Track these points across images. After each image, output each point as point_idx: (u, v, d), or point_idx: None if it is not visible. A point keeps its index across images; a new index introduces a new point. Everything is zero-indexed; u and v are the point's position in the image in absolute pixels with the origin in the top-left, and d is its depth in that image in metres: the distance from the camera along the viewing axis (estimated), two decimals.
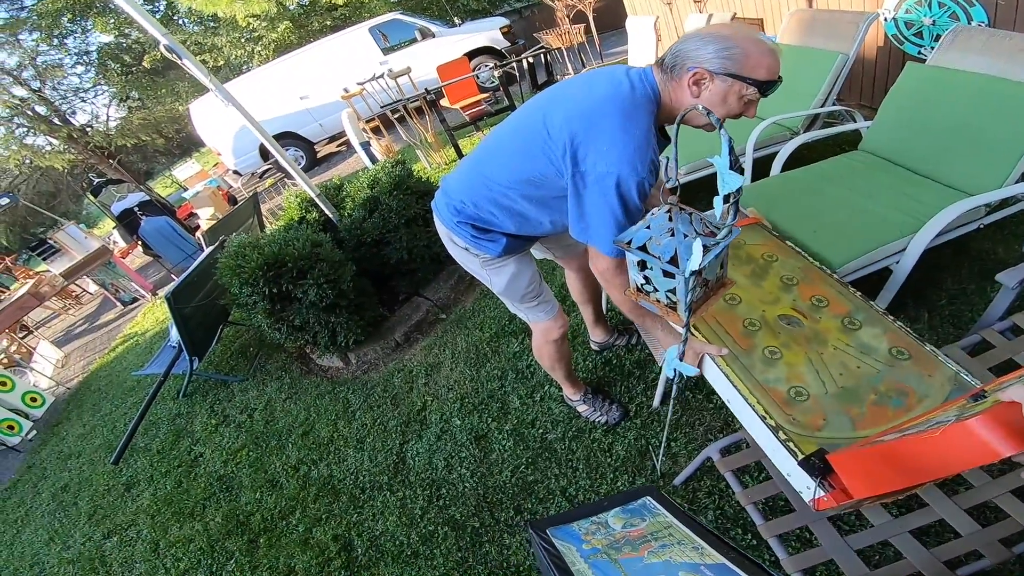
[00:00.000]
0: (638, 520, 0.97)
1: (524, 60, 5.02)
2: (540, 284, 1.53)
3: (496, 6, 13.27)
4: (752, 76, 0.97)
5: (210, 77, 2.28)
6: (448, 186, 1.38)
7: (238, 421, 2.77)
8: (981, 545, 0.96)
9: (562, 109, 1.09)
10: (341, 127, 7.87)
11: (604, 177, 1.01)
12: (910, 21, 2.78)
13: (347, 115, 4.11)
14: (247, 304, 2.53)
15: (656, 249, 0.88)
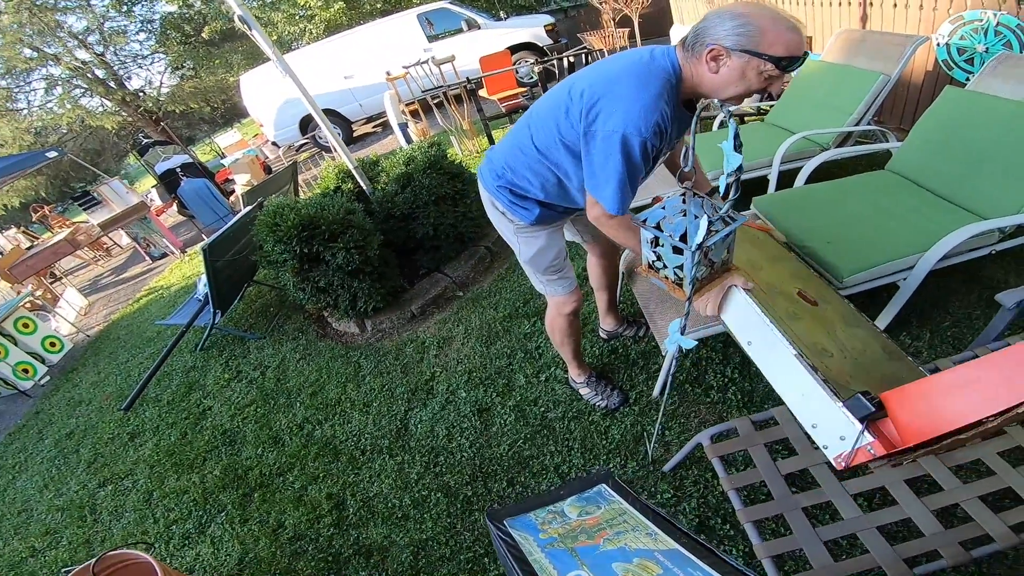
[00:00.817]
0: (593, 508, 1.00)
1: (565, 59, 5.08)
2: (564, 260, 1.62)
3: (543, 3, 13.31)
4: (768, 52, 0.97)
5: (273, 49, 2.41)
6: (493, 154, 1.49)
7: (251, 377, 2.86)
8: (941, 546, 1.00)
9: (587, 77, 1.18)
10: (379, 108, 8.07)
11: (611, 135, 1.08)
12: (963, 47, 2.77)
13: (389, 96, 4.24)
14: (277, 262, 2.65)
15: (668, 227, 0.95)
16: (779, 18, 0.98)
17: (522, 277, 2.81)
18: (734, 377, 1.87)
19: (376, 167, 3.29)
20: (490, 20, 7.84)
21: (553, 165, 1.31)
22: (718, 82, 1.05)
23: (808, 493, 1.18)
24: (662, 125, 1.07)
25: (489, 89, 5.42)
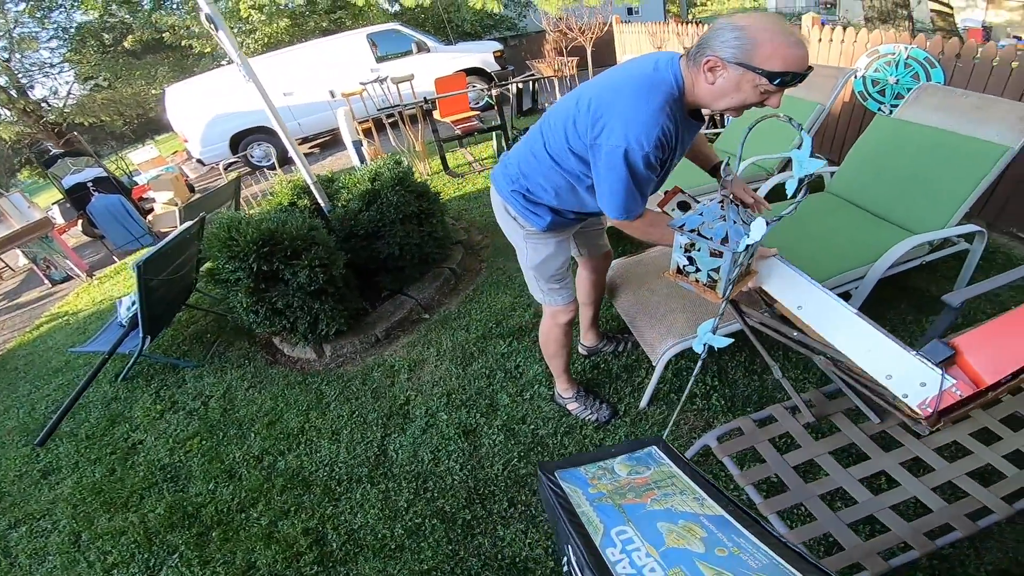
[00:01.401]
0: (643, 468, 1.01)
1: (515, 85, 5.25)
2: (567, 271, 1.65)
3: (487, 31, 13.80)
4: (763, 67, 0.96)
5: (239, 52, 2.28)
6: (508, 159, 1.50)
7: (190, 408, 2.62)
8: (951, 519, 1.10)
9: (593, 88, 1.22)
10: (319, 128, 7.85)
11: (615, 149, 1.12)
12: (877, 79, 3.17)
13: (344, 113, 4.13)
14: (229, 280, 2.45)
15: (708, 232, 1.00)
16: (781, 32, 0.97)
17: (491, 299, 2.81)
18: (715, 384, 1.96)
19: (332, 184, 3.18)
20: (440, 44, 7.93)
21: (566, 172, 1.33)
22: (714, 93, 1.07)
23: (819, 481, 1.26)
24: (665, 138, 1.10)
25: (442, 111, 5.44)
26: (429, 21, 12.64)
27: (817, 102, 2.64)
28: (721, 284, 1.04)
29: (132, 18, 11.90)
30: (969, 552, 1.32)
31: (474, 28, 13.30)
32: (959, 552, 1.32)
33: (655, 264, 2.15)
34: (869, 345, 0.98)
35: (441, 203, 3.25)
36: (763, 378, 1.96)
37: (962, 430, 1.32)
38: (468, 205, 4.24)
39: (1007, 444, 1.27)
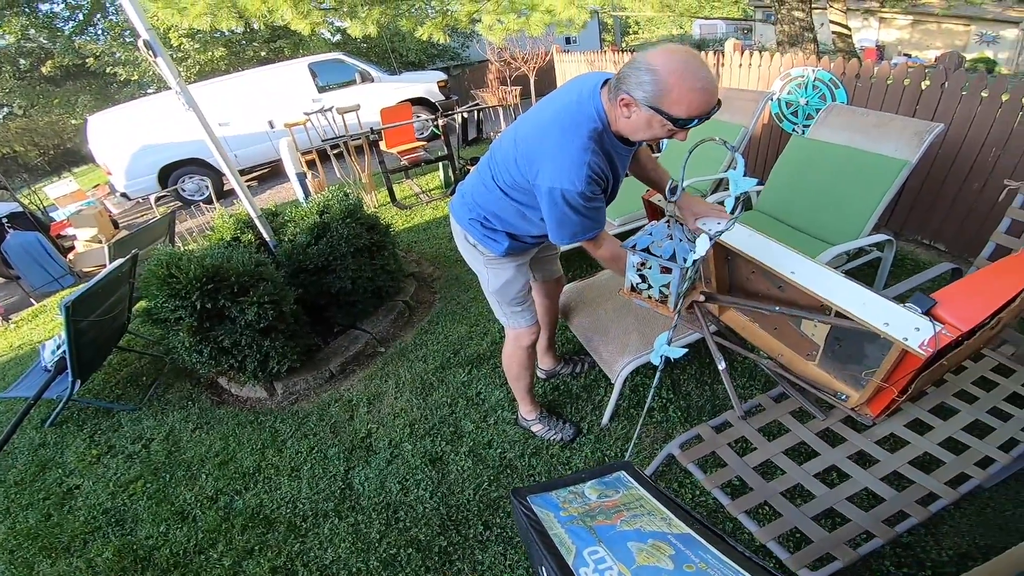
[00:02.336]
0: (612, 492, 1.04)
1: (460, 115, 5.35)
2: (529, 294, 1.70)
3: (431, 61, 14.01)
4: (669, 112, 1.03)
5: (179, 80, 2.21)
6: (464, 188, 1.55)
7: (129, 452, 2.47)
8: (905, 506, 1.20)
9: (524, 127, 1.29)
10: (255, 161, 7.60)
11: (551, 191, 1.19)
12: (790, 101, 3.47)
13: (287, 143, 4.03)
14: (168, 320, 2.33)
15: (657, 250, 1.07)
16: (690, 76, 1.01)
17: (447, 329, 2.82)
18: (670, 397, 2.05)
19: (276, 217, 3.10)
20: (384, 74, 7.95)
21: (516, 202, 1.39)
22: (629, 127, 1.14)
23: (779, 479, 1.33)
24: (595, 173, 1.16)
25: (389, 142, 5.43)
26: (373, 51, 12.73)
27: (741, 124, 2.84)
28: (672, 298, 1.11)
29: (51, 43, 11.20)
30: (928, 540, 1.43)
31: (418, 58, 13.51)
32: (919, 540, 1.43)
33: (606, 286, 2.24)
34: (863, 300, 1.11)
35: (392, 236, 3.24)
36: (714, 388, 2.07)
37: (897, 422, 1.44)
38: (418, 237, 4.23)
39: (939, 432, 1.40)
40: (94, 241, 6.39)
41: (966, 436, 1.39)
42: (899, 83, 2.78)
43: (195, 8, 4.53)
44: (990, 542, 1.41)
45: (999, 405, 1.47)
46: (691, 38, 20.91)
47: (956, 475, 1.26)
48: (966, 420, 1.44)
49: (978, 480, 1.23)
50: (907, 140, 2.04)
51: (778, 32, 6.17)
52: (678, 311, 1.12)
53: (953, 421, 1.44)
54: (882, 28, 15.94)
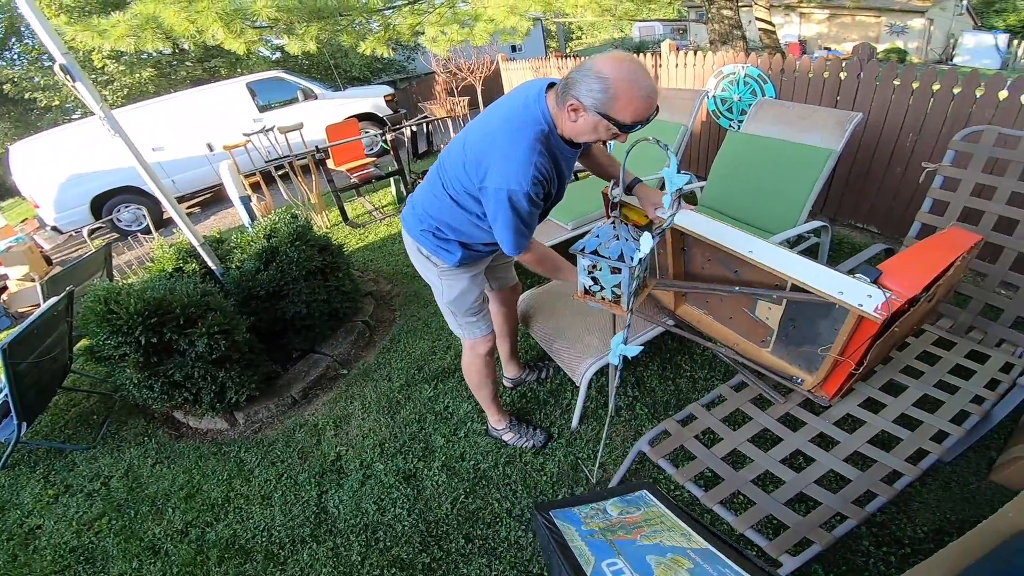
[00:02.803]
0: (633, 509, 1.06)
1: (408, 128, 5.30)
2: (484, 304, 1.69)
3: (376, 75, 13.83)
4: (616, 118, 1.09)
5: (102, 105, 2.09)
6: (414, 199, 1.53)
7: (88, 490, 2.37)
8: (871, 485, 1.24)
9: (473, 131, 1.30)
10: (195, 186, 7.27)
11: (497, 192, 1.20)
12: (724, 98, 3.63)
13: (228, 166, 3.86)
14: (112, 357, 2.23)
15: (605, 251, 1.08)
16: (636, 84, 1.07)
17: (409, 346, 2.79)
18: (636, 395, 2.09)
19: (221, 245, 2.99)
20: (328, 90, 7.77)
21: (466, 210, 1.39)
22: (575, 130, 1.19)
23: (748, 468, 1.37)
24: (541, 174, 1.19)
25: (336, 160, 5.29)
26: (315, 67, 12.45)
27: (681, 123, 2.92)
28: (624, 298, 1.13)
29: None
30: (901, 518, 1.49)
31: (363, 73, 13.32)
32: (892, 518, 1.49)
33: (564, 291, 2.26)
34: (816, 273, 1.21)
35: (345, 255, 3.17)
36: (676, 382, 2.12)
37: (852, 402, 1.51)
38: (373, 255, 4.16)
39: (892, 409, 1.47)
40: (26, 280, 5.93)
41: (918, 412, 1.46)
42: (819, 76, 2.96)
43: (116, 30, 4.29)
44: (961, 516, 1.47)
45: (944, 378, 1.57)
46: (631, 41, 21.59)
47: (915, 451, 1.33)
48: (916, 395, 1.52)
49: (936, 455, 1.29)
50: (831, 130, 2.17)
51: (710, 31, 6.44)
52: (631, 310, 1.14)
53: (904, 397, 1.51)
54: (803, 23, 16.98)
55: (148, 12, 4.20)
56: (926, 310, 1.44)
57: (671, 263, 1.80)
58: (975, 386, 1.52)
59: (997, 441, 1.66)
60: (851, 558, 1.42)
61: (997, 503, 1.39)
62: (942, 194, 1.89)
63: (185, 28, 4.14)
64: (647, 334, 1.91)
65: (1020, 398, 1.43)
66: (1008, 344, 1.70)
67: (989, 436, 1.65)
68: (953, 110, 2.43)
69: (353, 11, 5.04)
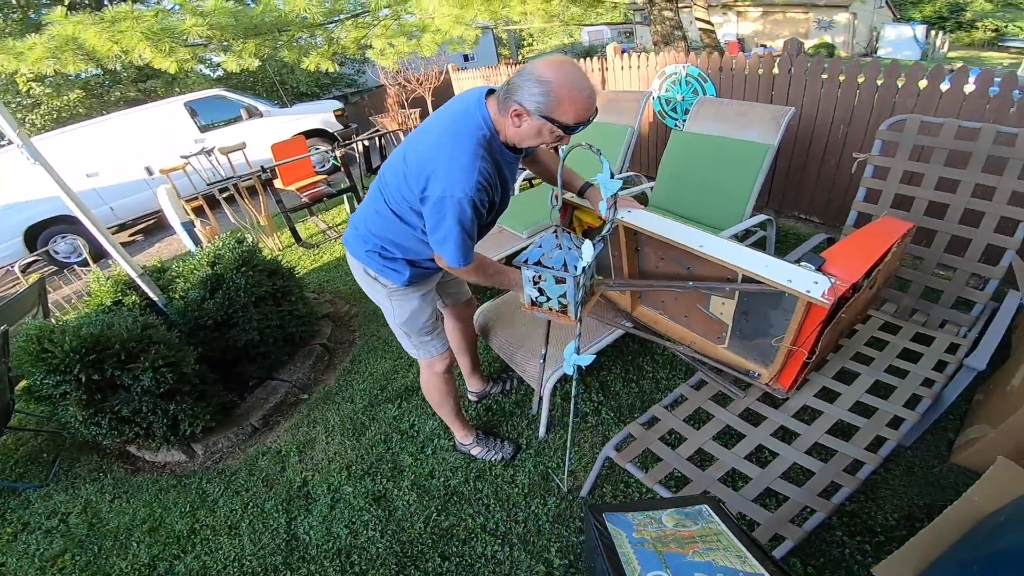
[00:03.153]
0: (691, 523, 1.03)
1: (360, 143, 5.19)
2: (437, 322, 1.65)
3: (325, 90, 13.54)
4: (560, 120, 1.11)
5: (19, 131, 1.95)
6: (356, 219, 1.48)
7: (47, 527, 2.27)
8: (835, 476, 1.27)
9: (415, 141, 1.28)
10: (136, 212, 6.90)
11: (440, 200, 1.18)
12: (669, 98, 3.71)
13: (166, 191, 3.66)
14: (52, 396, 2.13)
15: (549, 261, 1.07)
16: (578, 87, 1.10)
17: (371, 366, 2.73)
18: (601, 400, 2.09)
19: (163, 274, 2.84)
20: (273, 107, 7.53)
21: (410, 225, 1.35)
22: (519, 135, 1.18)
23: (714, 465, 1.38)
24: (484, 181, 1.18)
25: (284, 179, 5.11)
26: (260, 84, 12.09)
27: (628, 125, 2.97)
28: (571, 307, 1.12)
29: None
30: (871, 506, 1.52)
31: (311, 88, 13.03)
32: (862, 507, 1.51)
33: (519, 301, 2.24)
34: (765, 263, 1.24)
35: (298, 278, 3.08)
36: (640, 384, 2.14)
37: (807, 393, 1.55)
38: (329, 276, 4.04)
39: (847, 398, 1.51)
40: None
41: (872, 398, 1.50)
42: (755, 72, 3.07)
43: (33, 52, 4.01)
44: (928, 500, 1.50)
45: (894, 363, 1.63)
46: (581, 45, 22.00)
47: (873, 439, 1.36)
48: (868, 382, 1.56)
49: (895, 441, 1.33)
50: (767, 125, 2.24)
51: (653, 32, 6.59)
52: (579, 319, 1.13)
53: (857, 385, 1.56)
54: (740, 21, 17.74)
55: (67, 34, 3.95)
56: (869, 297, 1.49)
57: (625, 264, 1.81)
58: (924, 369, 1.58)
59: (954, 422, 1.71)
60: (827, 549, 1.43)
61: (961, 485, 1.41)
62: (874, 183, 1.98)
63: (108, 49, 3.91)
64: (606, 338, 1.91)
65: (968, 379, 1.47)
66: (951, 324, 1.78)
67: (945, 418, 1.70)
68: (878, 101, 2.56)
69: (292, 26, 4.90)
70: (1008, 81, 2.16)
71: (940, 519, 1.04)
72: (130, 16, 3.90)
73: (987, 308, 1.75)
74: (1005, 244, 1.68)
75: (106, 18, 3.91)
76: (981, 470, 1.10)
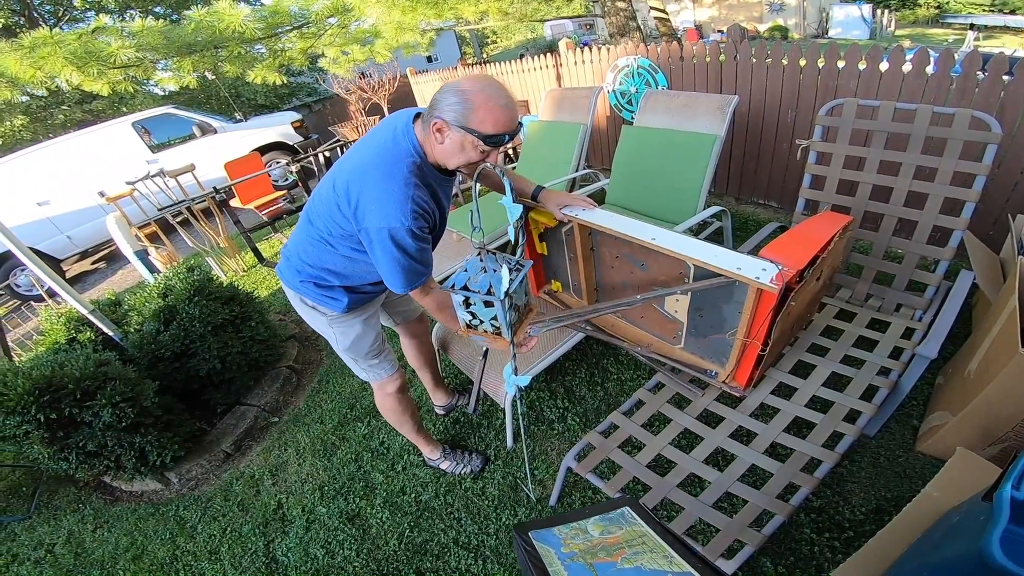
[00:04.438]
0: (615, 528, 1.03)
1: (320, 154, 5.08)
2: (383, 344, 1.62)
3: (285, 101, 13.23)
4: (478, 129, 1.08)
5: None
6: (287, 250, 1.44)
7: (35, 558, 2.30)
8: (792, 477, 1.27)
9: (343, 172, 1.24)
10: (95, 239, 6.63)
11: (378, 232, 1.15)
12: (624, 92, 3.70)
13: (115, 219, 3.52)
14: (15, 436, 2.11)
15: (475, 285, 1.05)
16: (494, 95, 1.08)
17: (339, 386, 2.69)
18: (566, 406, 2.09)
19: (118, 307, 2.76)
20: (228, 123, 7.31)
21: (343, 253, 1.32)
22: (445, 152, 1.16)
23: (673, 471, 1.38)
24: (421, 208, 1.15)
25: (242, 197, 4.96)
26: (214, 99, 11.75)
27: (579, 122, 2.92)
28: (503, 329, 1.10)
29: None
30: (838, 500, 1.50)
31: (269, 100, 12.71)
32: (829, 503, 1.50)
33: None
34: (714, 253, 1.27)
35: (259, 301, 3.01)
36: (605, 387, 2.14)
37: (764, 390, 1.55)
38: None
39: (804, 393, 1.51)
40: None
41: (828, 392, 1.50)
42: (703, 61, 3.08)
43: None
44: (896, 493, 1.48)
45: (849, 352, 1.63)
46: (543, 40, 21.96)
47: (830, 435, 1.36)
48: (824, 374, 1.56)
49: (852, 436, 1.33)
50: (713, 115, 2.24)
51: (608, 24, 6.58)
52: (512, 341, 1.11)
53: (813, 378, 1.56)
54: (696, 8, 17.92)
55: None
56: (816, 289, 1.50)
57: (582, 264, 1.81)
58: (880, 357, 1.57)
59: (919, 408, 1.71)
60: (796, 547, 1.42)
61: (928, 474, 1.39)
62: (818, 169, 1.99)
63: (32, 75, 3.74)
64: (565, 344, 1.90)
65: (923, 367, 1.45)
66: (906, 308, 1.79)
67: (909, 404, 1.70)
68: (821, 84, 2.60)
69: (229, 42, 4.74)
70: (945, 59, 2.19)
71: (899, 517, 1.03)
72: (50, 41, 3.74)
73: (941, 288, 1.76)
74: (952, 225, 1.66)
75: (25, 44, 3.73)
76: (945, 458, 1.10)
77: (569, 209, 1.59)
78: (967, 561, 0.74)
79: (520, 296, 1.15)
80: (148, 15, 9.76)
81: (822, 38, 15.73)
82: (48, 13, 11.36)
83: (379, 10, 5.12)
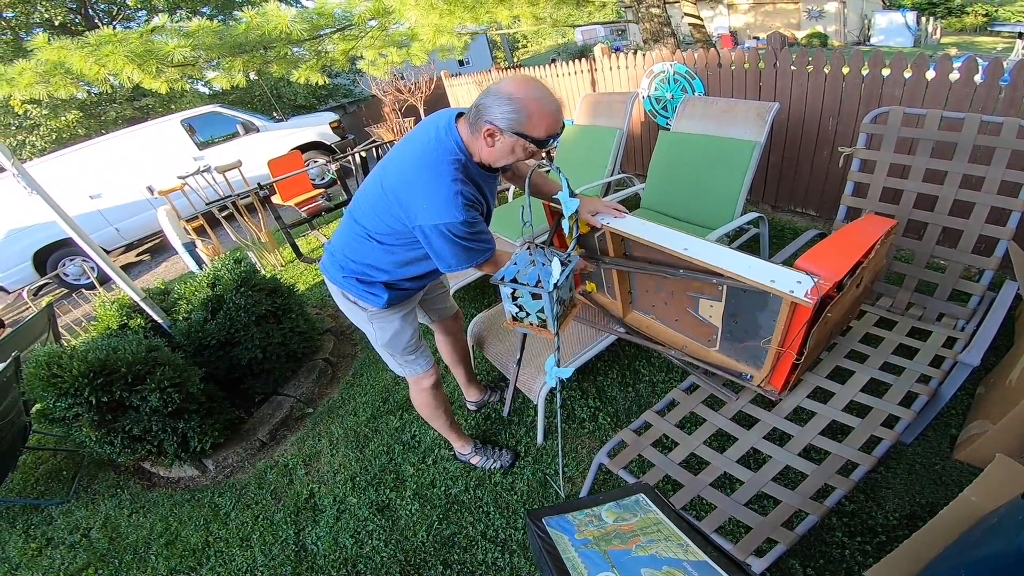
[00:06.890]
0: (630, 515, 1.03)
1: (356, 154, 5.23)
2: (420, 340, 1.68)
3: (323, 101, 13.61)
4: (532, 135, 1.16)
5: (13, 160, 2.00)
6: (332, 246, 1.50)
7: (70, 542, 2.36)
8: (827, 479, 1.26)
9: (390, 172, 1.30)
10: (141, 232, 6.96)
11: (433, 228, 1.21)
12: (659, 97, 3.70)
13: (165, 212, 3.72)
14: (66, 418, 2.21)
15: (524, 278, 1.09)
16: (546, 101, 1.15)
17: (372, 379, 2.76)
18: (597, 405, 2.11)
19: (167, 296, 2.90)
20: (269, 122, 7.59)
21: (391, 248, 1.38)
22: (494, 154, 1.22)
23: (706, 470, 1.38)
24: (469, 200, 1.21)
25: (283, 195, 5.16)
26: (258, 99, 12.18)
27: (616, 127, 2.97)
28: (549, 321, 1.14)
29: None
30: (871, 505, 1.50)
31: (308, 101, 13.11)
32: (862, 507, 1.50)
33: None
34: (748, 264, 1.26)
35: (298, 295, 3.12)
36: (636, 388, 2.16)
37: (801, 394, 1.53)
38: None
39: (841, 397, 1.50)
40: None
41: (867, 397, 1.48)
42: (741, 68, 3.06)
43: (24, 78, 4.08)
44: (931, 499, 1.47)
45: (889, 359, 1.60)
46: (574, 45, 21.96)
47: (867, 439, 1.34)
48: (863, 380, 1.54)
49: (889, 441, 1.31)
50: (752, 122, 2.24)
51: (642, 30, 6.56)
52: (557, 333, 1.15)
53: (851, 384, 1.54)
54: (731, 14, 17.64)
55: (53, 59, 4.02)
56: (856, 295, 1.49)
57: (615, 272, 1.83)
58: (920, 365, 1.55)
59: (957, 417, 1.68)
60: (826, 550, 1.42)
61: (964, 482, 1.36)
62: (861, 177, 1.97)
63: (96, 72, 3.97)
64: (599, 344, 1.93)
65: (965, 375, 1.43)
66: (948, 317, 1.75)
67: (948, 413, 1.68)
68: (865, 92, 2.56)
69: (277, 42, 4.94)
70: (995, 68, 2.14)
71: (936, 520, 1.02)
72: (113, 39, 3.96)
73: (985, 299, 1.72)
74: (998, 234, 1.64)
75: (90, 42, 3.96)
76: (983, 467, 1.08)
77: (601, 217, 1.62)
78: (1006, 556, 0.73)
79: (565, 291, 1.19)
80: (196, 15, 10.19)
81: (863, 45, 15.28)
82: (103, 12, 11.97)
83: (418, 12, 5.24)
